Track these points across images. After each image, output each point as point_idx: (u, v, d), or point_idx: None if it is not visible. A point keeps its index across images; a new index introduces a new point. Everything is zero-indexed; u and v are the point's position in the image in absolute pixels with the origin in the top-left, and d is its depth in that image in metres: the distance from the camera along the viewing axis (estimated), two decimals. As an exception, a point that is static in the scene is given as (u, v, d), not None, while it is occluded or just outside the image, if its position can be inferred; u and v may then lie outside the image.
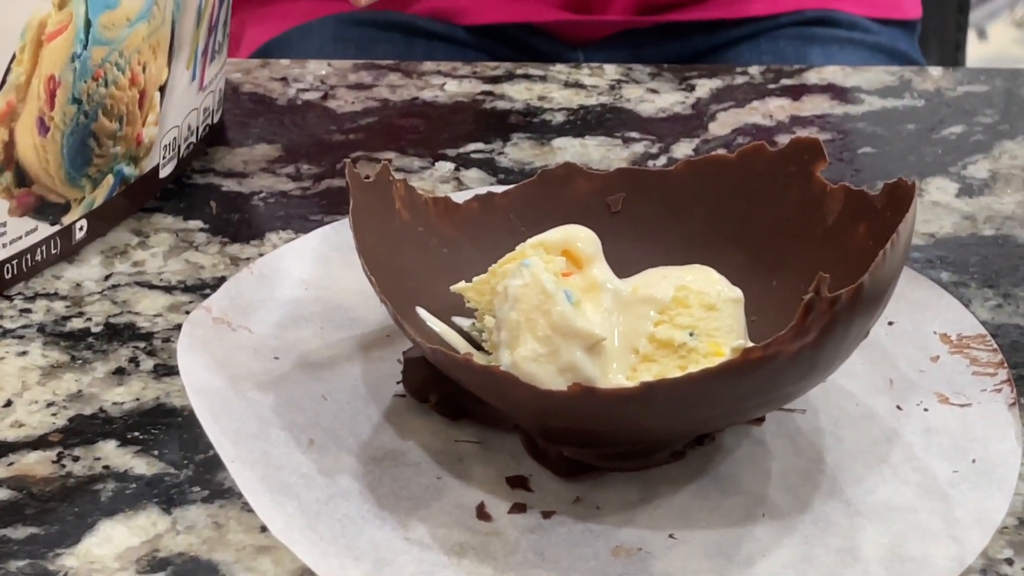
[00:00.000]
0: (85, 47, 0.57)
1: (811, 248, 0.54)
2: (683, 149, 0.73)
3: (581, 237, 0.52)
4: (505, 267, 0.52)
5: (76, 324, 0.58)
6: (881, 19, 0.98)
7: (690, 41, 0.96)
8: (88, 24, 0.57)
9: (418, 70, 0.79)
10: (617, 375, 0.50)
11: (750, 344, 0.51)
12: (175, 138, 0.66)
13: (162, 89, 0.63)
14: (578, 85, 0.79)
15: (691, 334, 0.51)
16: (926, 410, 0.53)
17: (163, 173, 0.66)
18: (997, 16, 2.58)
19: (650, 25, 0.95)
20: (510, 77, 0.79)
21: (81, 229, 0.62)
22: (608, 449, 0.49)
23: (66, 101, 0.58)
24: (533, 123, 0.75)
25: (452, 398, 0.52)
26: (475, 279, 0.53)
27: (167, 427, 0.52)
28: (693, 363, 0.50)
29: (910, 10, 1.00)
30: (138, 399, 0.53)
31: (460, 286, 0.53)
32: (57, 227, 0.60)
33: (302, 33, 0.95)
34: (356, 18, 0.95)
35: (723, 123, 0.75)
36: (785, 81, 0.80)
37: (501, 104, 0.76)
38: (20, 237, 0.59)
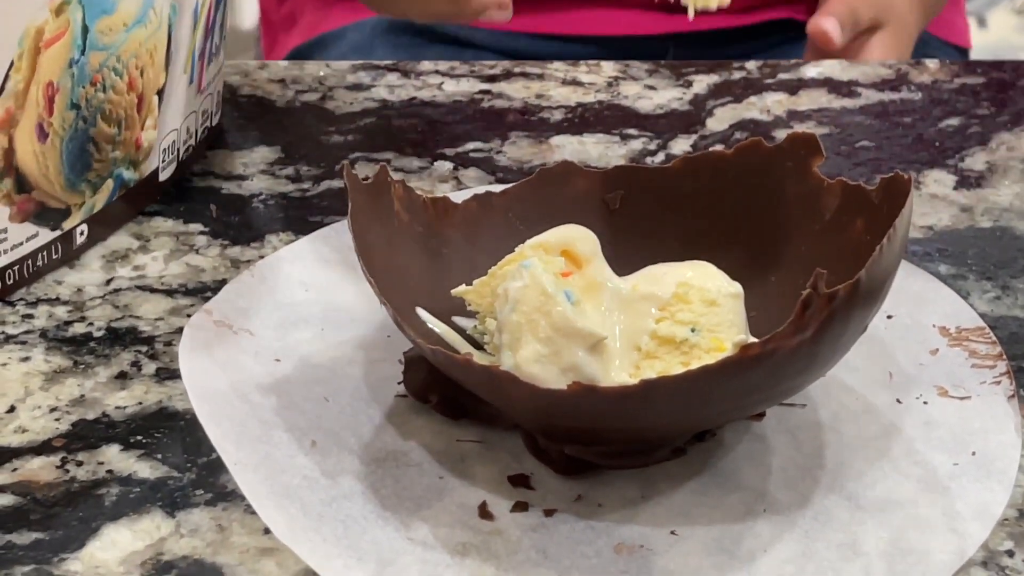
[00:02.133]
0: (83, 53, 0.58)
1: (809, 243, 0.55)
2: (681, 145, 0.73)
3: (580, 237, 0.52)
4: (505, 269, 0.52)
5: (78, 329, 0.58)
6: (941, 39, 0.99)
7: (740, 46, 0.96)
8: (85, 30, 0.57)
9: (416, 70, 0.79)
10: (620, 373, 0.50)
11: (752, 339, 0.51)
12: (174, 141, 0.66)
13: (160, 93, 0.63)
14: (576, 83, 0.79)
15: (693, 330, 0.51)
16: (926, 403, 0.53)
17: (163, 177, 0.66)
18: (997, 3, 2.58)
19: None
20: (507, 76, 0.79)
21: (82, 234, 0.62)
22: (609, 447, 0.50)
23: (65, 107, 0.58)
24: (531, 121, 0.75)
25: (453, 398, 0.52)
26: (475, 282, 0.53)
27: (170, 431, 0.52)
28: (696, 359, 0.50)
29: (963, 38, 1.01)
30: (140, 403, 0.54)
31: (460, 289, 0.54)
32: (58, 232, 0.60)
33: (335, 38, 0.96)
34: (394, 24, 0.95)
35: (720, 119, 0.76)
36: (782, 76, 0.80)
37: (499, 103, 0.76)
38: (21, 243, 0.59)
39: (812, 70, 0.81)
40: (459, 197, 0.58)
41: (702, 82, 0.79)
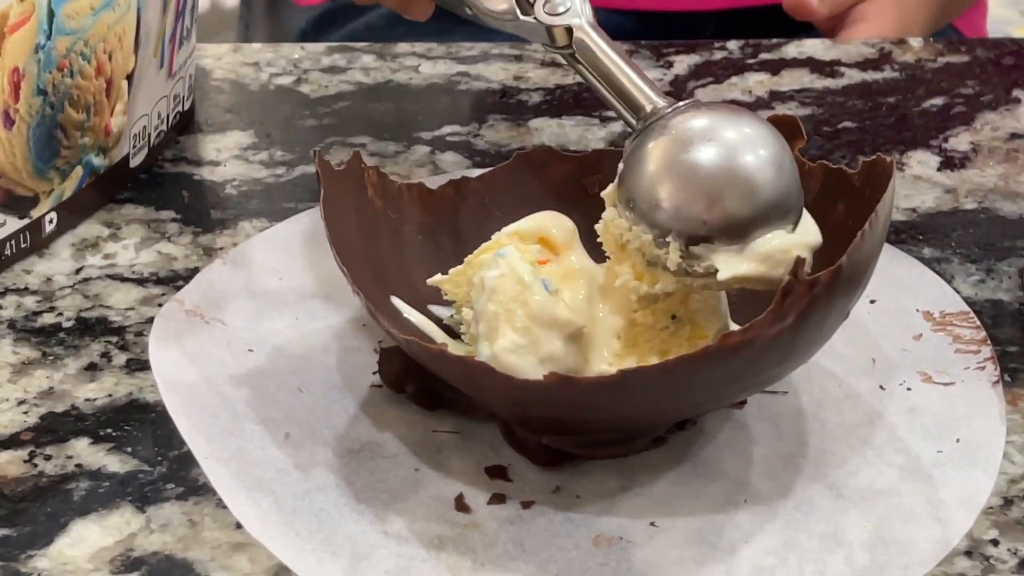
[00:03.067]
0: (49, 38, 0.56)
1: (790, 228, 0.54)
2: (661, 127, 0.72)
3: (557, 224, 0.51)
4: (481, 257, 0.51)
5: (47, 319, 0.57)
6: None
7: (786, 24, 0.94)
8: (51, 14, 0.56)
9: (392, 52, 0.78)
10: (599, 363, 0.50)
11: (734, 326, 0.50)
12: (145, 127, 0.65)
13: (130, 77, 0.62)
14: (554, 64, 0.78)
15: (673, 317, 0.50)
16: (909, 389, 0.53)
17: (134, 163, 0.65)
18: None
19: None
20: (485, 57, 0.78)
21: (51, 222, 0.61)
22: (587, 437, 0.49)
23: (31, 93, 0.57)
24: (509, 104, 0.74)
25: (429, 388, 0.51)
26: (451, 271, 0.52)
27: (140, 423, 0.51)
28: (676, 347, 0.50)
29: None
30: (111, 395, 0.53)
31: (437, 279, 0.53)
32: (26, 221, 0.59)
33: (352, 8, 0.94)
34: None
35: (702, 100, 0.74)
36: (764, 55, 0.79)
37: (477, 85, 0.75)
38: (-12, 232, 0.58)
39: (794, 50, 0.80)
40: (434, 183, 0.57)
41: (683, 63, 0.78)
